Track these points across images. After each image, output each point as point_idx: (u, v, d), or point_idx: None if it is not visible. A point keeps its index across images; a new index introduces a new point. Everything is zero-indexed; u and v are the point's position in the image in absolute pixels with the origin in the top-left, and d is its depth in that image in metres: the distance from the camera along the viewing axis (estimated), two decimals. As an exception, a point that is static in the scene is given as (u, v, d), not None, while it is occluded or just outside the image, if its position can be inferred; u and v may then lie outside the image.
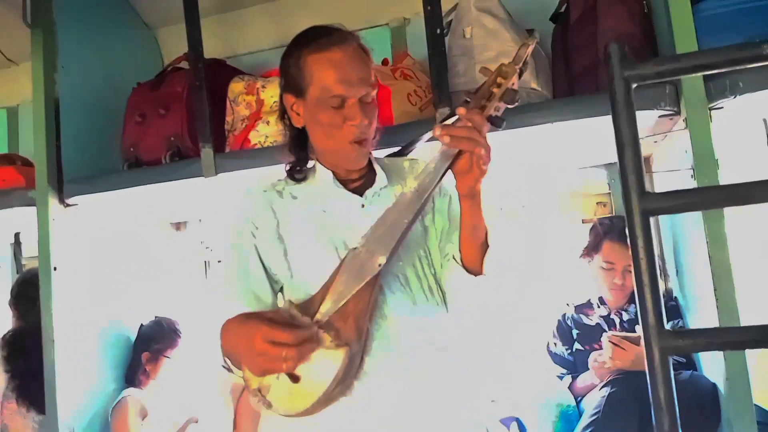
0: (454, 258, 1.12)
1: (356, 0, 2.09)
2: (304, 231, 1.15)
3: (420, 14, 1.94)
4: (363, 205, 1.15)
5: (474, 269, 1.10)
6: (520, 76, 1.11)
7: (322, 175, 1.19)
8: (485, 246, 1.09)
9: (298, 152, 1.21)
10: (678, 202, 0.87)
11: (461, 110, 1.03)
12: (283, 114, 1.21)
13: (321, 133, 1.15)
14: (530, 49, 1.13)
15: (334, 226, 1.13)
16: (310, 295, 1.07)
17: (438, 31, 1.53)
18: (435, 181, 1.06)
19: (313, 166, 1.21)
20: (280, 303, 1.15)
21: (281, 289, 1.16)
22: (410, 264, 1.13)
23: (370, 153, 1.21)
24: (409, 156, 1.40)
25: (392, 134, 1.44)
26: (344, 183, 1.19)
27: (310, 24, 2.06)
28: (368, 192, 1.17)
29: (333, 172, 1.18)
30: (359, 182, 1.19)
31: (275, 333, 0.94)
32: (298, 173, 1.21)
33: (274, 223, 1.16)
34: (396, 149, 1.43)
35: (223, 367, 1.09)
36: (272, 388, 1.02)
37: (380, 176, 1.19)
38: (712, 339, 0.89)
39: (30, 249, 2.13)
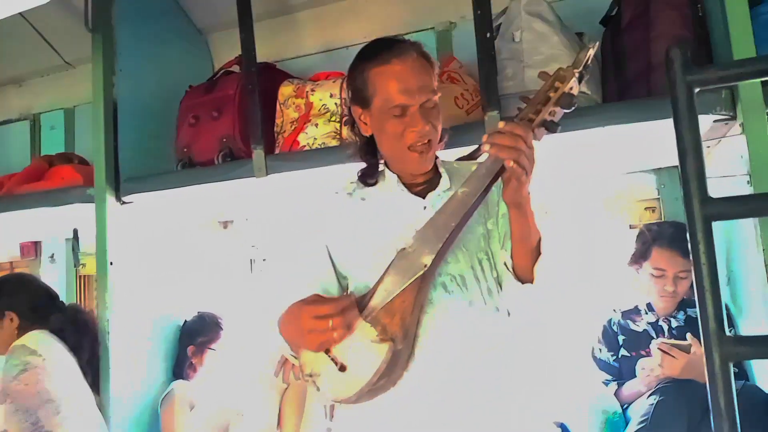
0: (505, 265, 1.14)
1: (402, 5, 2.11)
2: (368, 231, 1.19)
3: (466, 18, 1.97)
4: (425, 207, 1.18)
5: (524, 277, 1.12)
6: (580, 80, 1.11)
7: (388, 179, 1.24)
8: (536, 254, 1.09)
9: (369, 158, 1.25)
10: (741, 207, 0.87)
11: (501, 123, 1.06)
12: (352, 124, 1.26)
13: (386, 141, 1.19)
14: (591, 53, 1.12)
15: (396, 227, 1.16)
16: None
17: (488, 34, 1.54)
18: (483, 186, 1.08)
19: (382, 171, 1.26)
20: None
21: (347, 286, 1.21)
22: (469, 266, 1.15)
23: (437, 157, 1.24)
24: (480, 159, 1.41)
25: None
26: (409, 186, 1.22)
27: (356, 29, 2.14)
28: (430, 195, 1.20)
29: (398, 176, 1.22)
30: (424, 185, 1.22)
31: (317, 308, 1.04)
32: (369, 178, 1.25)
33: (343, 223, 1.22)
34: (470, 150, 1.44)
35: (291, 355, 1.14)
36: (322, 374, 1.09)
37: (444, 179, 1.22)
38: (775, 346, 0.88)
39: (87, 244, 2.21)
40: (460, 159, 1.37)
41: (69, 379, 1.78)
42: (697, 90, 0.87)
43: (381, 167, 1.26)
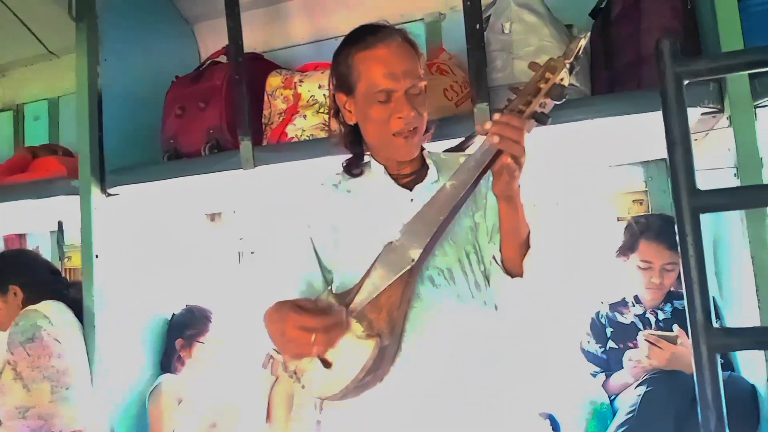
0: (494, 259, 1.13)
1: (391, -5, 2.10)
2: (355, 224, 1.17)
3: (455, 9, 1.95)
4: (412, 200, 1.17)
5: (513, 270, 1.11)
6: (571, 71, 1.10)
7: (375, 170, 1.22)
8: (525, 247, 1.09)
9: (354, 148, 1.23)
10: (730, 199, 0.86)
11: (496, 116, 1.05)
12: (337, 112, 1.23)
13: (371, 128, 1.17)
14: (582, 43, 1.11)
15: (383, 219, 1.15)
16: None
17: (477, 26, 1.53)
18: (473, 179, 1.07)
19: (368, 162, 1.24)
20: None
21: (332, 280, 1.19)
22: (456, 259, 1.14)
23: (424, 148, 1.23)
24: (468, 151, 1.40)
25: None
26: (396, 177, 1.21)
27: (345, 19, 2.11)
28: (418, 187, 1.19)
29: (385, 167, 1.21)
30: (411, 177, 1.21)
31: (304, 319, 1.00)
32: (354, 168, 1.23)
33: (328, 215, 1.20)
34: (457, 141, 1.43)
35: (275, 350, 1.13)
36: (307, 372, 1.07)
37: (431, 171, 1.21)
38: (761, 337, 0.88)
39: (72, 237, 2.18)
40: (447, 150, 1.36)
41: (76, 356, 1.77)
42: (686, 82, 0.86)
43: (367, 158, 1.24)
